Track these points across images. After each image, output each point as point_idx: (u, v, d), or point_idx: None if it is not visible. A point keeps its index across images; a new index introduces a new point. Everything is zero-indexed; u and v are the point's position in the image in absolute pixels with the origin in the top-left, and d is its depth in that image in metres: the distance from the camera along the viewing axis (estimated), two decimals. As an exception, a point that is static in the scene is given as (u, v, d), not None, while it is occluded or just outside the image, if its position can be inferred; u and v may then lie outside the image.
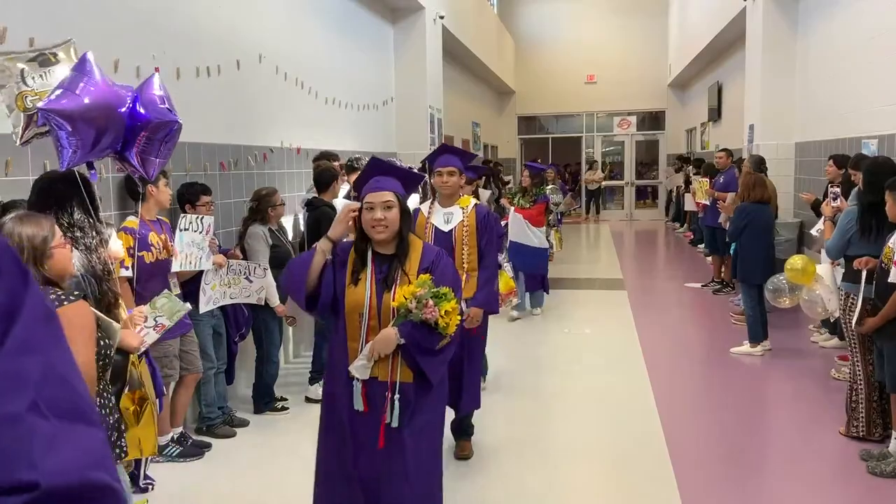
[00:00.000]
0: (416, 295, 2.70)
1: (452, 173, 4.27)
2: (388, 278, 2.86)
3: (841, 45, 8.07)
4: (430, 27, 11.10)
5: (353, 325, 2.88)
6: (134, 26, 4.76)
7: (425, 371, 2.82)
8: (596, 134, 21.41)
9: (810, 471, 4.32)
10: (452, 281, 2.91)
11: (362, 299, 2.84)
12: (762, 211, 6.53)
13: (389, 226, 2.86)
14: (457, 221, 4.27)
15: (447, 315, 2.73)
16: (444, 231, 4.26)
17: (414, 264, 2.91)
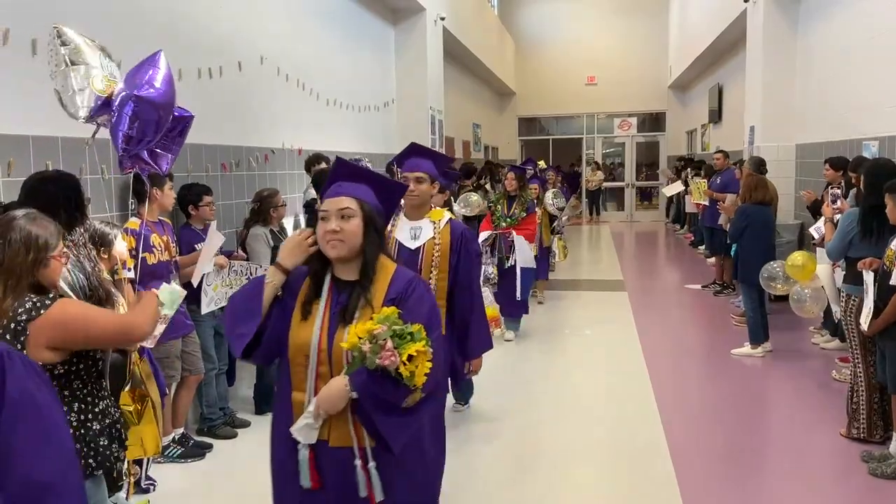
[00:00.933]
0: (373, 333, 2.08)
1: (421, 180, 3.57)
2: (346, 311, 2.24)
3: (841, 46, 8.07)
4: (430, 28, 11.11)
5: (297, 372, 2.25)
6: (136, 28, 4.76)
7: (385, 436, 2.17)
8: (596, 135, 21.43)
9: (811, 472, 4.32)
10: (428, 317, 2.26)
11: (309, 338, 2.23)
12: (763, 212, 6.53)
13: (346, 240, 2.25)
14: (426, 238, 3.58)
15: (413, 361, 2.09)
16: (411, 249, 3.57)
17: (379, 293, 2.27)
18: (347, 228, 2.25)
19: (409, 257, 3.51)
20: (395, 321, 2.11)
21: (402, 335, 2.10)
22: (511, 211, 7.29)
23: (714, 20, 12.90)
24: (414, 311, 2.22)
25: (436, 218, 3.64)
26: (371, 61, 9.97)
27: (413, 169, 3.57)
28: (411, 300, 2.27)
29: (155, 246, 4.24)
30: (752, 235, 6.43)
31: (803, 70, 9.35)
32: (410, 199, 3.56)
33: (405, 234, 3.62)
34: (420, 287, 2.33)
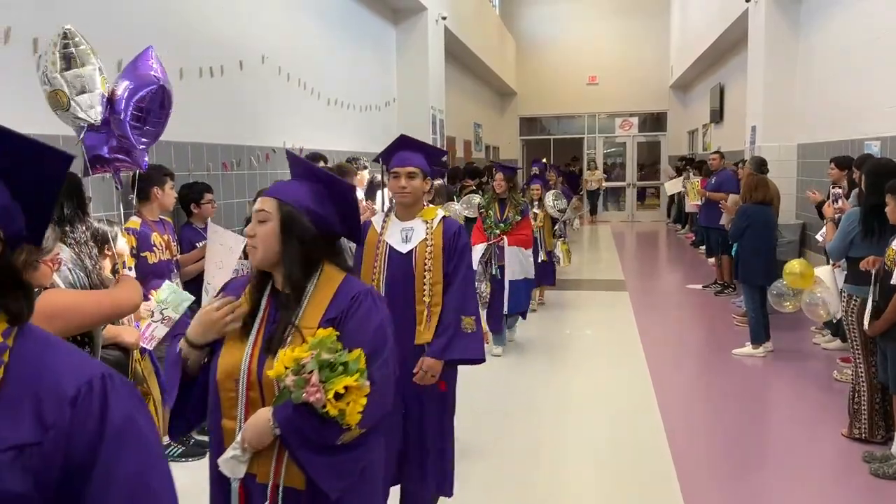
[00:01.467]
0: (299, 363, 1.82)
1: (413, 175, 3.22)
2: (272, 337, 1.97)
3: (843, 46, 8.07)
4: (432, 28, 11.11)
5: (227, 397, 1.98)
6: (137, 27, 4.76)
7: (312, 478, 1.91)
8: (598, 135, 21.42)
9: (813, 472, 4.31)
10: (373, 340, 1.94)
11: (239, 360, 1.96)
12: (764, 212, 6.52)
13: (259, 247, 1.98)
14: (418, 240, 3.23)
15: (344, 397, 1.82)
16: (402, 253, 3.23)
17: (315, 311, 1.96)
18: (261, 233, 1.98)
19: (401, 262, 3.21)
20: (329, 346, 1.84)
21: (332, 366, 1.81)
22: (504, 215, 6.55)
23: (715, 20, 12.89)
24: (355, 334, 1.92)
25: (428, 217, 3.28)
26: (372, 61, 9.97)
27: (404, 164, 3.22)
28: (354, 320, 1.94)
29: (156, 245, 4.24)
30: (753, 235, 6.42)
31: (805, 70, 9.34)
32: (402, 196, 3.23)
33: (396, 236, 3.26)
34: (366, 303, 1.98)
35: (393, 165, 3.24)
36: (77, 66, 3.07)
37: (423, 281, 3.19)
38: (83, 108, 3.10)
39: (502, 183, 6.54)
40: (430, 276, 3.19)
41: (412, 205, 3.27)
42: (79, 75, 3.06)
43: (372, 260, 3.24)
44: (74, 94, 3.07)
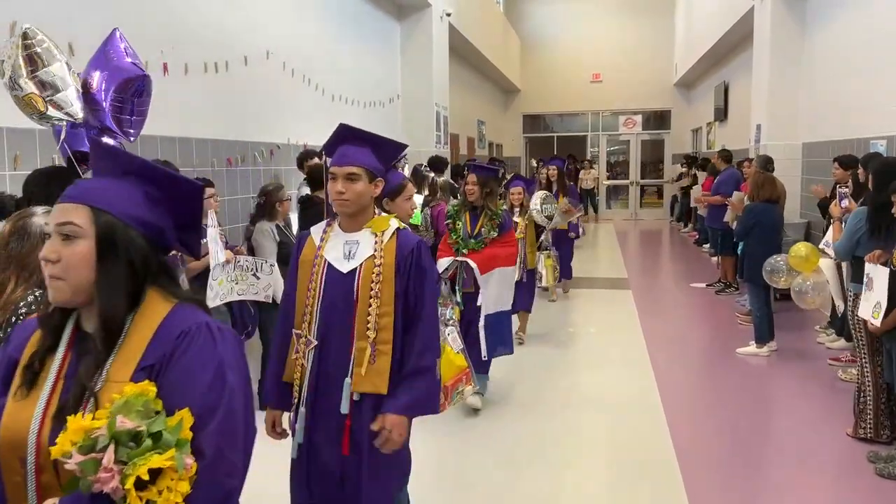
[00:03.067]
0: (90, 436, 1.28)
1: (354, 177, 2.54)
2: (70, 395, 1.41)
3: (849, 44, 8.04)
4: (436, 24, 11.10)
5: (11, 482, 1.43)
6: (143, 22, 4.75)
7: None
8: (601, 133, 21.40)
9: (818, 472, 4.30)
10: (206, 395, 1.38)
11: (25, 430, 1.41)
12: (771, 211, 6.49)
13: (67, 277, 1.43)
14: (363, 257, 2.57)
15: (157, 483, 1.27)
16: (342, 273, 2.57)
17: (131, 357, 1.42)
18: (67, 256, 1.42)
19: (341, 285, 2.56)
20: (139, 409, 1.30)
21: (136, 438, 1.28)
22: (475, 229, 5.08)
23: (720, 18, 12.86)
24: (180, 387, 1.37)
25: (379, 228, 2.61)
26: (376, 57, 9.95)
27: (343, 162, 2.55)
28: (178, 367, 1.39)
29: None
30: (759, 235, 6.39)
31: (810, 68, 9.31)
32: (340, 204, 2.56)
33: (337, 251, 2.60)
34: (198, 341, 1.42)
35: (331, 163, 2.58)
36: (42, 66, 3.01)
37: (368, 310, 2.52)
38: (64, 107, 3.06)
39: (474, 187, 5.13)
40: (376, 304, 2.52)
41: (357, 214, 2.59)
42: (49, 74, 3.02)
43: (307, 281, 2.59)
44: (50, 94, 3.03)
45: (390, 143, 2.74)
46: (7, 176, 3.71)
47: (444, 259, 5.00)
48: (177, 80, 5.06)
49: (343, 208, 2.57)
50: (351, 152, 2.57)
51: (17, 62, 2.98)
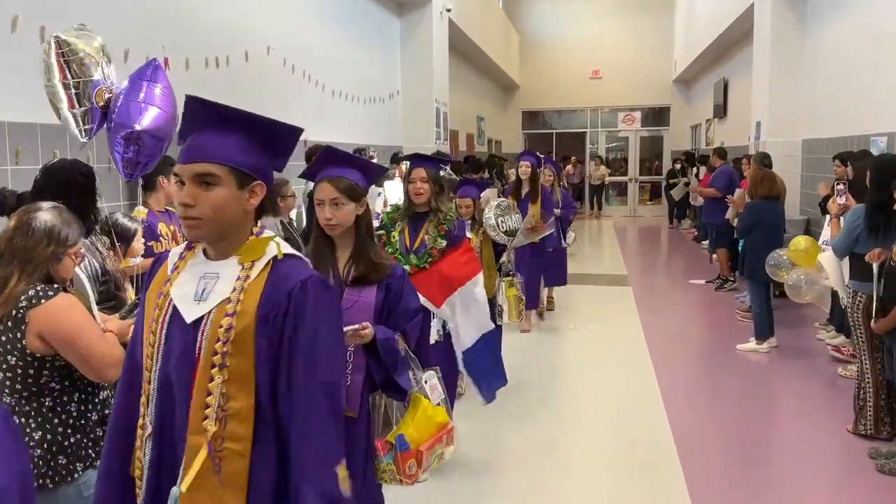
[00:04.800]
0: None
1: (211, 179, 1.67)
2: None
3: (850, 41, 8.04)
4: (436, 21, 11.09)
5: None
6: (144, 17, 4.75)
7: None
8: (600, 129, 21.39)
9: (818, 468, 4.31)
10: None
11: None
12: (773, 208, 6.49)
13: None
14: (217, 300, 1.70)
15: None
16: (186, 323, 1.71)
17: None
18: None
19: (183, 340, 1.69)
20: None
21: None
22: (416, 242, 3.81)
23: (721, 14, 12.85)
24: None
25: (249, 258, 1.73)
26: (376, 53, 9.94)
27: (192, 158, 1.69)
28: None
29: (162, 235, 4.23)
30: (762, 232, 6.37)
31: (810, 65, 9.31)
32: (188, 225, 1.69)
33: (188, 287, 1.74)
34: None
35: (179, 160, 1.71)
36: (74, 77, 3.00)
37: (207, 386, 1.63)
38: (72, 121, 3.06)
39: (424, 186, 3.76)
40: (220, 378, 1.62)
41: (214, 237, 1.73)
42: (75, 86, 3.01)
43: (149, 323, 1.75)
44: (68, 106, 3.03)
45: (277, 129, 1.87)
46: (9, 171, 3.71)
47: None
48: (178, 75, 5.05)
49: (190, 230, 1.69)
50: (203, 143, 1.71)
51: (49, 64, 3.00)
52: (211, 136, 1.71)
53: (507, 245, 5.28)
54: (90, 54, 3.08)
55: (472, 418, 4.94)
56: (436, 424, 2.75)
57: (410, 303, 2.69)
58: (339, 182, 2.54)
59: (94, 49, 3.12)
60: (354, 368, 2.55)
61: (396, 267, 2.68)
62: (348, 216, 2.56)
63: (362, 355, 2.55)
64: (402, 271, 2.70)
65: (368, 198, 2.68)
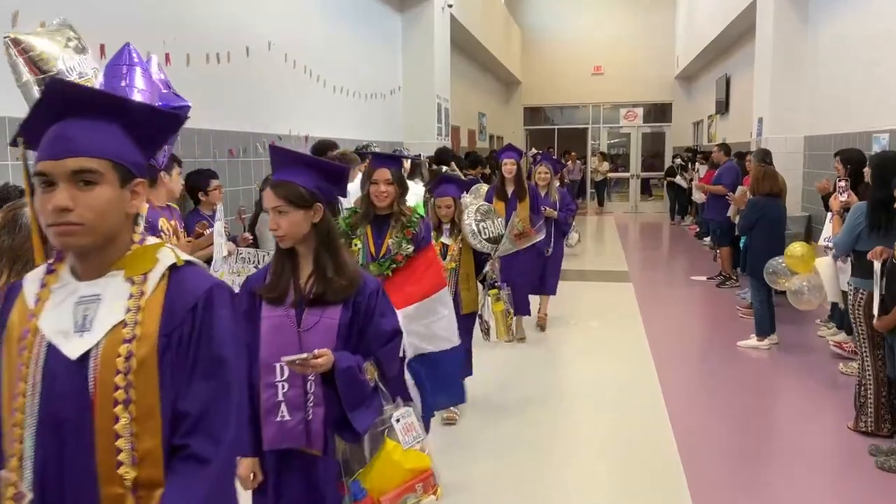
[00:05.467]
0: None
1: (91, 177, 1.40)
2: None
3: (852, 38, 8.02)
4: (438, 16, 11.06)
5: None
6: (144, 12, 4.74)
7: None
8: (602, 125, 21.37)
9: (818, 465, 4.31)
10: None
11: None
12: (775, 205, 6.48)
13: None
14: (106, 327, 1.42)
15: None
16: (69, 360, 1.42)
17: None
18: None
19: (68, 380, 1.42)
20: None
21: None
22: (381, 248, 3.47)
23: (723, 10, 12.82)
24: None
25: (139, 270, 1.48)
26: (378, 49, 9.93)
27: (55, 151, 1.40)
28: None
29: (163, 230, 4.23)
30: (763, 229, 6.37)
31: (813, 61, 9.29)
32: (57, 234, 1.41)
33: (63, 318, 1.45)
34: None
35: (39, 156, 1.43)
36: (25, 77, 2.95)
37: (113, 427, 1.40)
38: None
39: (389, 189, 3.42)
40: (126, 419, 1.40)
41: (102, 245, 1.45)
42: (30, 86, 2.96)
43: (13, 377, 1.45)
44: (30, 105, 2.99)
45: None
46: (9, 166, 3.71)
47: None
48: (179, 71, 5.04)
49: (60, 240, 1.41)
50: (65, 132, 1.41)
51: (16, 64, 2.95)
52: (81, 125, 1.42)
53: (490, 254, 4.70)
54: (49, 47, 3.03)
55: (470, 412, 4.94)
56: (406, 471, 2.38)
57: (385, 324, 2.36)
58: (280, 188, 2.28)
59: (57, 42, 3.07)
60: (315, 401, 2.26)
61: (369, 282, 2.38)
62: (297, 226, 2.27)
63: (322, 385, 2.27)
64: (374, 286, 2.37)
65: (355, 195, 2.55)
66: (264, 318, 2.32)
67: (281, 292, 2.32)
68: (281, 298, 2.32)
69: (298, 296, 2.32)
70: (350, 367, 2.24)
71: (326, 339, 2.26)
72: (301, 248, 2.34)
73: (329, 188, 2.37)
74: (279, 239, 2.31)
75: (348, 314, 2.30)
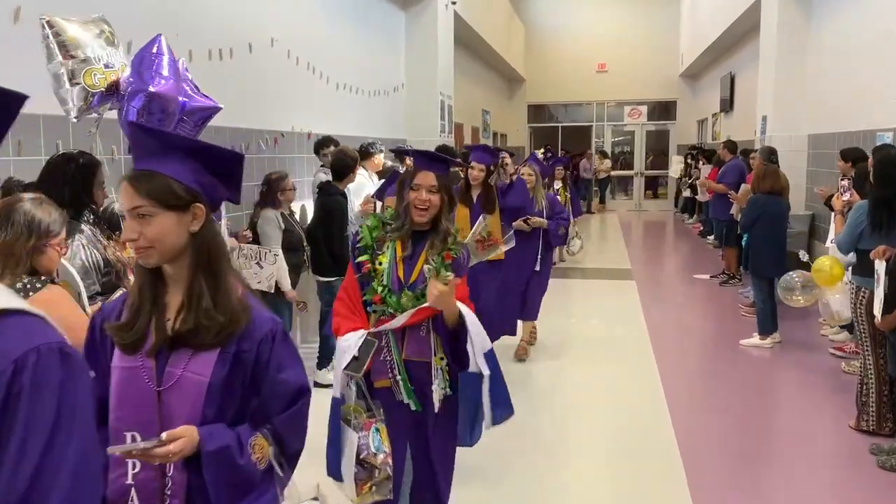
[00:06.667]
0: None
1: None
2: None
3: (856, 36, 7.99)
4: (441, 13, 11.04)
5: None
6: (147, 7, 4.74)
7: None
8: (606, 123, 21.33)
9: (819, 464, 4.30)
10: None
11: None
12: (776, 203, 6.47)
13: None
14: None
15: None
16: None
17: None
18: None
19: None
20: None
21: None
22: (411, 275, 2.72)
23: (727, 8, 12.79)
24: None
25: None
26: (381, 45, 9.92)
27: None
28: None
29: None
30: (764, 227, 6.36)
31: (817, 60, 9.26)
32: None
33: None
34: None
35: None
36: (65, 57, 3.04)
37: None
38: (61, 102, 3.09)
39: (433, 198, 2.71)
40: None
41: None
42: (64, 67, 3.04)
43: None
44: (57, 87, 3.07)
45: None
46: (11, 162, 3.71)
47: (350, 335, 2.66)
48: (181, 68, 5.05)
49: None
50: None
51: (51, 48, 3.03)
52: None
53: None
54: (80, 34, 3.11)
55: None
56: None
57: (288, 377, 1.71)
58: (142, 182, 1.63)
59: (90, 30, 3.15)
60: (173, 490, 1.66)
61: (260, 321, 1.70)
62: (166, 236, 1.62)
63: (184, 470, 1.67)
64: (270, 328, 1.70)
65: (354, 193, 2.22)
66: (114, 369, 1.68)
67: (136, 336, 1.66)
68: (136, 345, 1.66)
69: (161, 338, 1.65)
70: (223, 449, 1.62)
71: (193, 401, 1.64)
72: (171, 268, 1.67)
73: (215, 184, 1.72)
74: (139, 254, 1.65)
75: (225, 368, 1.65)
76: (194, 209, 1.66)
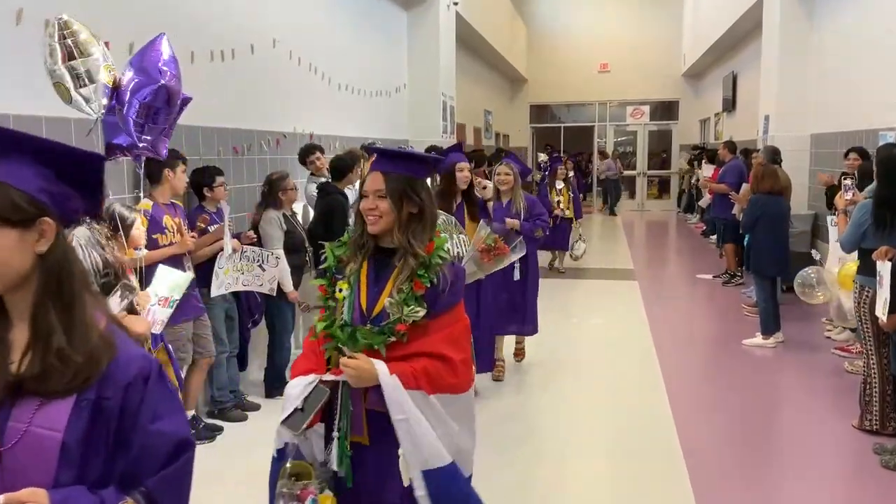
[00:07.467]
0: None
1: None
2: None
3: (858, 35, 7.98)
4: (443, 14, 11.05)
5: None
6: (148, 9, 4.75)
7: None
8: (608, 123, 21.32)
9: (822, 464, 4.30)
10: None
11: None
12: (776, 202, 6.46)
13: None
14: None
15: None
16: None
17: None
18: None
19: None
20: None
21: None
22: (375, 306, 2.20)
23: (729, 8, 12.77)
24: None
25: None
26: (383, 46, 9.92)
27: None
28: None
29: (167, 227, 4.25)
30: (765, 226, 6.36)
31: (819, 59, 9.25)
32: None
33: None
34: None
35: None
36: (79, 57, 3.08)
37: None
38: (84, 100, 3.13)
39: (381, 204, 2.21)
40: None
41: None
42: (80, 66, 3.08)
43: None
44: (76, 86, 3.10)
45: None
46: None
47: (298, 380, 2.25)
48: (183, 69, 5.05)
49: None
50: None
51: (53, 48, 3.07)
52: None
53: None
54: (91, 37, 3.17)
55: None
56: None
57: (164, 428, 1.39)
58: None
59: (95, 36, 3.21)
60: None
61: (131, 359, 1.38)
62: (1, 258, 1.29)
63: None
64: (140, 369, 1.37)
65: None
66: None
67: None
68: None
69: (0, 386, 1.31)
70: None
71: (43, 463, 1.29)
72: (13, 298, 1.34)
73: (68, 193, 1.38)
74: None
75: (83, 420, 1.31)
76: (41, 225, 1.31)
